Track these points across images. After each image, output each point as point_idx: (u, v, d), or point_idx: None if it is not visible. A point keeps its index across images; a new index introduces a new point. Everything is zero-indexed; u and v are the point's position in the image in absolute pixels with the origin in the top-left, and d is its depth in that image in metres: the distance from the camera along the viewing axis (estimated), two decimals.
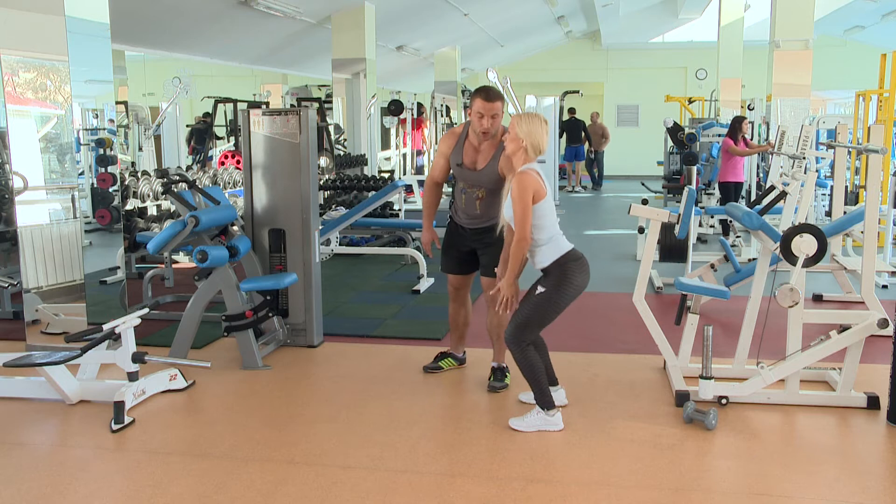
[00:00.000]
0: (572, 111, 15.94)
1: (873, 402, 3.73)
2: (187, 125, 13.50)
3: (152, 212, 7.25)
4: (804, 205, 4.11)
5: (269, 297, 4.59)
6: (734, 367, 4.11)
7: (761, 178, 10.30)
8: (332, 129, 11.57)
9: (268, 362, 4.50)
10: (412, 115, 14.42)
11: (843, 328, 3.73)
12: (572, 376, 4.18)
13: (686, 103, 15.54)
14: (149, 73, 14.37)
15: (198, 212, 4.40)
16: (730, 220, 8.08)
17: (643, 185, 13.08)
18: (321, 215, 7.13)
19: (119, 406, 3.56)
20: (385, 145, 15.82)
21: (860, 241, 5.38)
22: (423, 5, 12.74)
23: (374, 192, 8.24)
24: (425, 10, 13.02)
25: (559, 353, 4.40)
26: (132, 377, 3.78)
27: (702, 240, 8.83)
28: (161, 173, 5.94)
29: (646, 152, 17.80)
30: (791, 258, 3.61)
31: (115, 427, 3.53)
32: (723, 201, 8.73)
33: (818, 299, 6.08)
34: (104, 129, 6.51)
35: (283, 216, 4.78)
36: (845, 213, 6.07)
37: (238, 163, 11.00)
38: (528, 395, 3.72)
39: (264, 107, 11.10)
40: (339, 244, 7.62)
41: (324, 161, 10.43)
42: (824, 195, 9.83)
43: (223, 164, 11.65)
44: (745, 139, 8.79)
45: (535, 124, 3.47)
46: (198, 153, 12.64)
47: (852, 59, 18.00)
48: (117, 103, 8.61)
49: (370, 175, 10.24)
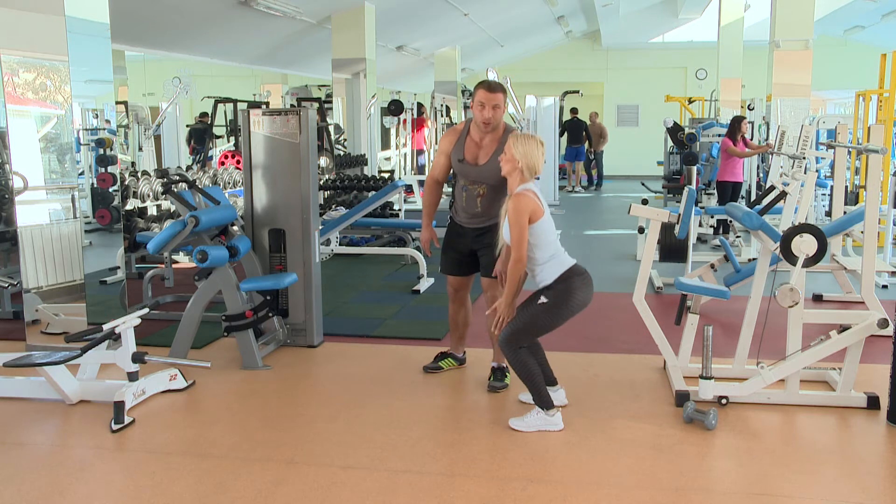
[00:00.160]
0: (574, 111, 15.95)
1: (873, 402, 3.73)
2: (187, 125, 13.51)
3: (152, 212, 7.24)
4: (804, 205, 4.11)
5: (268, 297, 4.59)
6: (734, 367, 4.10)
7: (761, 179, 10.30)
8: (332, 129, 11.57)
9: (268, 362, 4.50)
10: (412, 115, 14.43)
11: (843, 328, 3.73)
12: (572, 376, 4.18)
13: (686, 103, 15.54)
14: (149, 73, 14.38)
15: (198, 212, 4.40)
16: (730, 220, 8.10)
17: (643, 185, 13.08)
18: (321, 215, 7.13)
19: (119, 406, 3.56)
20: (385, 145, 15.82)
21: (860, 241, 5.38)
22: (423, 5, 12.74)
23: (374, 193, 8.24)
24: (425, 10, 13.02)
25: (559, 353, 4.41)
26: (132, 377, 3.78)
27: (702, 240, 8.83)
28: (161, 173, 5.94)
29: (646, 152, 17.81)
30: (791, 258, 3.61)
31: (115, 427, 3.53)
32: (719, 200, 8.74)
33: (818, 299, 6.08)
34: (104, 129, 6.51)
35: (283, 216, 4.78)
36: (845, 213, 6.07)
37: (238, 163, 10.99)
38: (527, 396, 3.71)
39: (264, 107, 11.09)
40: (339, 244, 7.62)
41: (324, 161, 10.43)
42: (824, 195, 9.83)
43: (223, 164, 11.65)
44: (745, 139, 8.79)
45: (532, 146, 3.47)
46: (198, 153, 12.65)
47: (852, 59, 18.01)
48: (117, 103, 8.61)
49: (370, 175, 10.24)
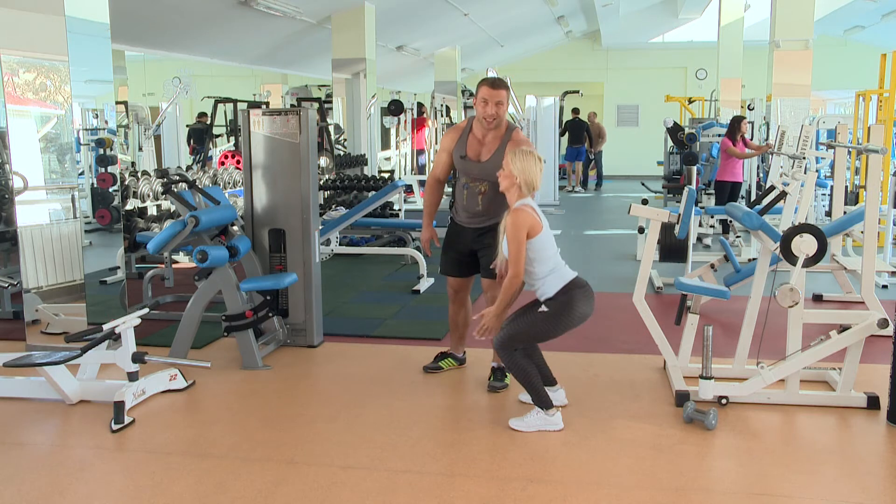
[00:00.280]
0: (576, 111, 15.96)
1: (873, 402, 3.73)
2: (187, 125, 13.51)
3: (152, 212, 7.24)
4: (804, 205, 4.10)
5: (268, 297, 4.59)
6: (734, 367, 4.10)
7: (761, 179, 10.30)
8: (332, 129, 11.57)
9: (268, 362, 4.50)
10: (412, 115, 14.43)
11: (843, 328, 3.73)
12: (572, 376, 4.18)
13: (686, 103, 15.55)
14: (149, 73, 14.38)
15: (198, 212, 4.40)
16: (730, 220, 8.10)
17: (643, 185, 13.08)
18: (321, 215, 7.13)
19: (119, 406, 3.56)
20: (385, 145, 15.82)
21: (860, 241, 5.38)
22: (423, 5, 12.73)
23: (374, 192, 8.24)
24: (425, 10, 13.02)
25: (559, 353, 4.41)
26: (132, 377, 3.78)
27: (699, 239, 8.82)
28: (161, 173, 5.94)
29: (646, 152, 17.82)
30: (791, 258, 3.61)
31: (115, 427, 3.53)
32: (717, 200, 8.74)
33: (818, 299, 6.08)
34: (104, 129, 6.51)
35: (283, 216, 4.78)
36: (845, 213, 6.07)
37: (238, 163, 11.00)
38: (527, 396, 3.70)
39: (264, 107, 11.09)
40: (339, 244, 7.62)
41: (324, 161, 10.43)
42: (824, 195, 9.83)
43: (223, 164, 11.65)
44: (745, 139, 8.80)
45: (530, 162, 3.46)
46: (197, 153, 12.65)
47: (852, 59, 18.01)
48: (117, 103, 8.60)
49: (370, 175, 10.25)
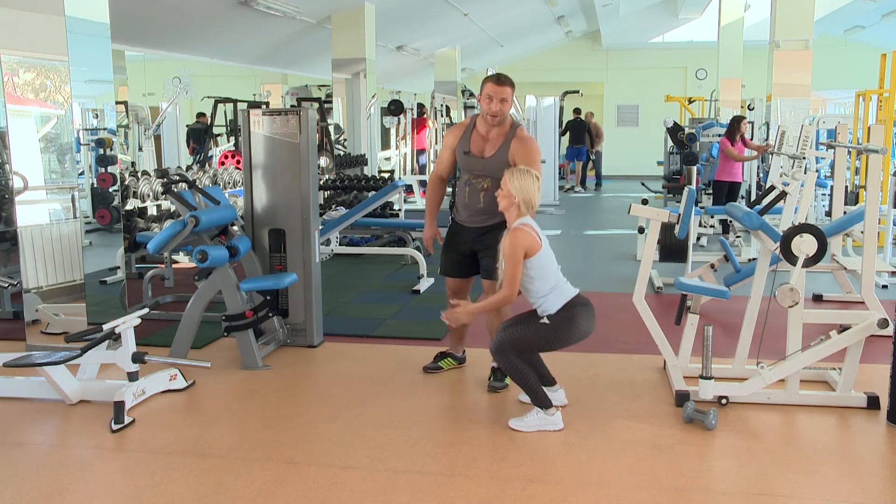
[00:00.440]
0: (577, 111, 15.96)
1: (873, 402, 3.73)
2: (187, 125, 13.50)
3: (152, 212, 7.24)
4: (804, 205, 4.10)
5: (268, 297, 4.59)
6: (734, 367, 4.10)
7: (761, 179, 10.30)
8: (332, 129, 11.57)
9: (268, 362, 4.50)
10: (413, 115, 14.42)
11: (843, 328, 3.73)
12: (572, 376, 4.18)
13: (686, 103, 15.54)
14: (149, 73, 14.39)
15: (198, 212, 4.40)
16: (730, 220, 8.09)
17: (643, 185, 13.08)
18: (321, 215, 7.13)
19: (119, 406, 3.56)
20: (385, 145, 15.82)
21: (860, 241, 5.38)
22: (423, 5, 12.73)
23: (374, 192, 8.24)
24: (425, 10, 13.02)
25: (559, 353, 4.38)
26: (132, 377, 3.78)
27: (698, 241, 8.82)
28: (161, 173, 5.94)
29: (646, 152, 17.81)
30: (791, 258, 3.61)
31: (115, 427, 3.53)
32: (714, 200, 8.73)
33: (818, 299, 6.08)
34: (104, 128, 6.51)
35: (283, 216, 4.78)
36: (845, 213, 6.07)
37: (238, 163, 10.99)
38: (527, 396, 3.71)
39: (264, 107, 11.09)
40: (339, 244, 7.62)
41: (324, 161, 10.43)
42: (824, 195, 9.83)
43: (223, 164, 11.65)
44: (744, 139, 8.79)
45: (528, 180, 3.46)
46: (197, 153, 12.64)
47: (852, 59, 18.01)
48: (117, 103, 8.61)
49: (370, 175, 10.25)
